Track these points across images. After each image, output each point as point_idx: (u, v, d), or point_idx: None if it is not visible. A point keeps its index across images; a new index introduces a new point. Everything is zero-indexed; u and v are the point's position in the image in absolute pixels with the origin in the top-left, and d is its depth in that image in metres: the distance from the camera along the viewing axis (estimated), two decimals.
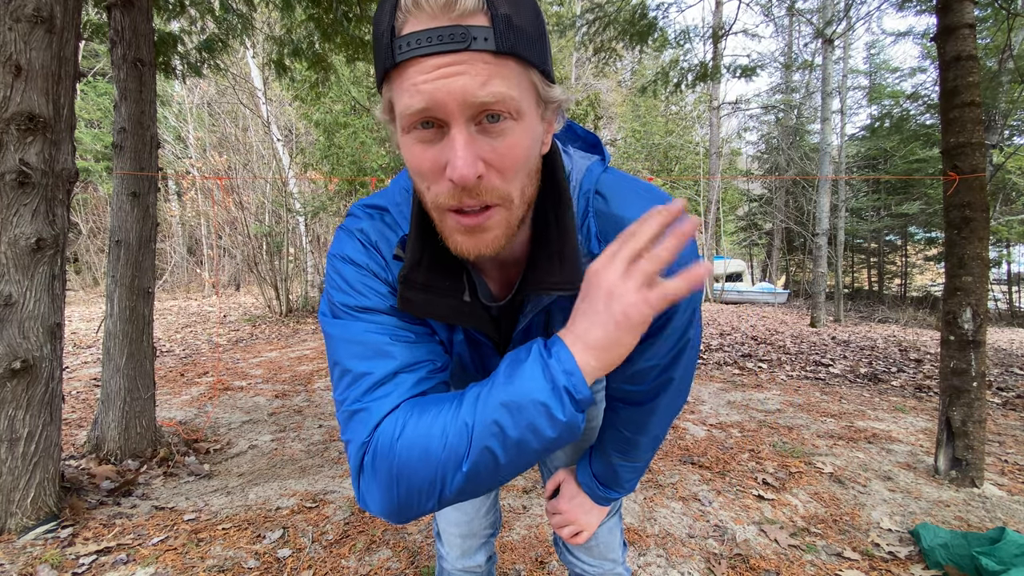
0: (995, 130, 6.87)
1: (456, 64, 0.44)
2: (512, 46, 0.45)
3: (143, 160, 2.53)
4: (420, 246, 0.58)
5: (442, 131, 0.47)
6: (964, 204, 2.30)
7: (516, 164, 0.49)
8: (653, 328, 0.64)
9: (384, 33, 0.45)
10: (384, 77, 0.48)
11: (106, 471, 2.32)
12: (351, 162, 8.30)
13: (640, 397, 0.74)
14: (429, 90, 0.44)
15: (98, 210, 13.34)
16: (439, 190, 0.49)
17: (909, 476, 2.45)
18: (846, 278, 17.10)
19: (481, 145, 0.47)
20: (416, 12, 0.44)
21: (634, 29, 4.58)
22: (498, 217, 0.50)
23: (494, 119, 0.46)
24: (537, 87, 0.49)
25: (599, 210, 0.61)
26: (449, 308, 0.60)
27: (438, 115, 0.45)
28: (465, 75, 0.44)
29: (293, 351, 5.77)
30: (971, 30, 2.29)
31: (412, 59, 0.44)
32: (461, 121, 0.45)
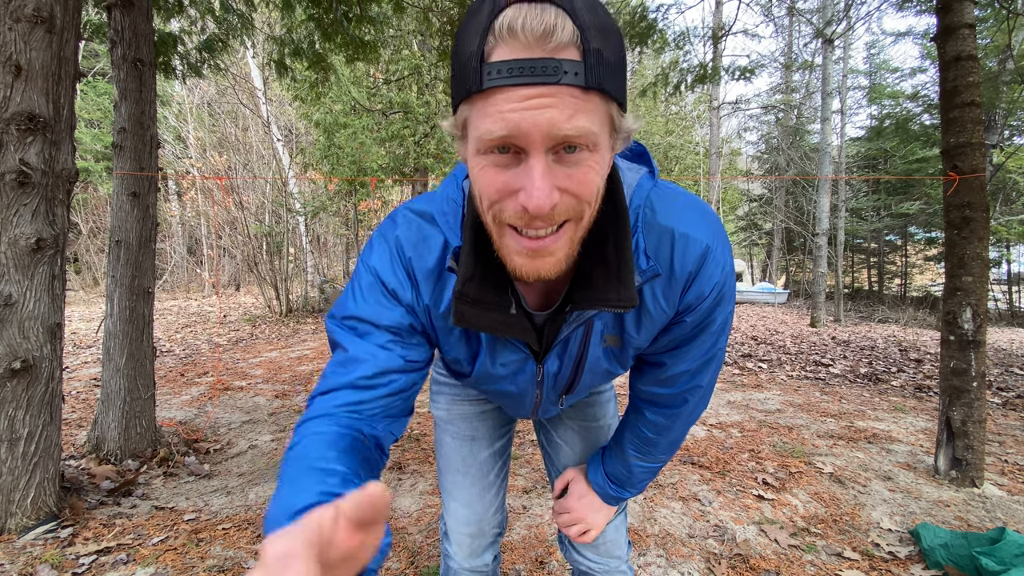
0: (995, 130, 6.87)
1: (545, 96, 0.43)
2: (599, 82, 0.45)
3: (143, 160, 2.53)
4: (473, 261, 0.59)
5: (518, 157, 0.47)
6: (964, 204, 2.30)
7: (588, 193, 0.49)
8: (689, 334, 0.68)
9: (472, 55, 0.45)
10: (466, 98, 0.48)
11: (106, 471, 2.32)
12: (351, 162, 8.30)
13: (668, 401, 0.76)
14: (516, 120, 0.44)
15: (98, 210, 13.34)
16: (509, 211, 0.49)
17: (909, 476, 2.45)
18: (846, 278, 17.10)
19: (556, 174, 0.47)
20: (510, 40, 0.43)
21: (634, 31, 4.57)
22: (562, 241, 0.51)
23: (571, 150, 0.47)
24: (613, 119, 0.49)
25: (647, 220, 0.61)
26: (497, 321, 0.61)
27: (519, 143, 0.46)
28: (553, 108, 0.44)
29: (293, 351, 5.77)
30: (971, 30, 2.29)
31: (502, 87, 0.44)
32: (541, 151, 0.46)
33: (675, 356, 0.71)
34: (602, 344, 0.69)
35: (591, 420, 0.99)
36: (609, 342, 0.69)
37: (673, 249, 0.61)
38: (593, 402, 0.99)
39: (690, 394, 0.74)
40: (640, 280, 0.60)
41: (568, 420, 1.00)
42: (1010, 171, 9.35)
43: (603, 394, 1.00)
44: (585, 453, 0.98)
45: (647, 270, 0.60)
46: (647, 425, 0.80)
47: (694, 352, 0.69)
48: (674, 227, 0.61)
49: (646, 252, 0.61)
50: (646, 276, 0.60)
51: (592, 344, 0.68)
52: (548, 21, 0.42)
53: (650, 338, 0.69)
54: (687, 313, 0.65)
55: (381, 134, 8.45)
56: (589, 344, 0.68)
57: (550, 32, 0.42)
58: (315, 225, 13.28)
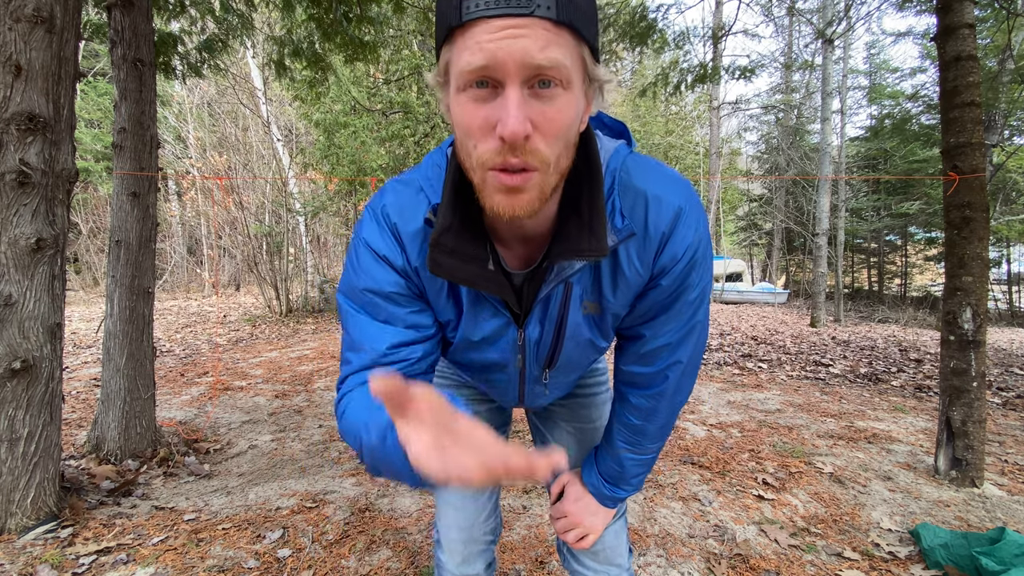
0: (995, 130, 6.87)
1: (519, 27, 0.46)
2: (570, 18, 0.48)
3: (143, 160, 2.53)
4: (451, 212, 0.60)
5: (496, 91, 0.49)
6: (964, 204, 2.30)
7: (559, 130, 0.51)
8: (666, 300, 0.70)
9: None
10: (447, 36, 0.51)
11: (106, 471, 2.32)
12: (351, 162, 8.30)
13: (649, 380, 0.77)
14: (492, 48, 0.47)
15: (98, 210, 13.33)
16: (486, 147, 0.51)
17: (909, 476, 2.45)
18: (846, 278, 17.10)
19: (531, 107, 0.49)
20: None
21: (634, 31, 4.57)
22: (535, 180, 0.52)
23: (545, 84, 0.49)
24: (586, 63, 0.52)
25: (623, 183, 0.64)
26: (474, 274, 0.62)
27: (496, 74, 0.48)
28: (527, 38, 0.46)
29: (293, 351, 5.77)
30: (971, 30, 2.29)
31: (479, 19, 0.47)
32: (517, 82, 0.48)
33: (653, 327, 0.72)
34: (582, 311, 0.70)
35: (587, 422, 0.98)
36: (589, 308, 0.70)
37: (647, 210, 0.63)
38: (588, 403, 0.99)
39: (671, 370, 0.75)
40: (616, 239, 0.62)
41: (563, 422, 0.99)
42: (1010, 171, 9.34)
43: (599, 395, 1.00)
44: (581, 455, 0.97)
45: (622, 229, 0.62)
46: (632, 411, 0.80)
47: (673, 323, 0.71)
48: (647, 189, 0.63)
49: (622, 212, 0.63)
50: (622, 235, 0.62)
51: (572, 309, 0.69)
52: None
53: (627, 302, 0.70)
54: (662, 276, 0.67)
55: (381, 134, 8.45)
56: (568, 308, 0.69)
57: None
58: (315, 225, 13.27)
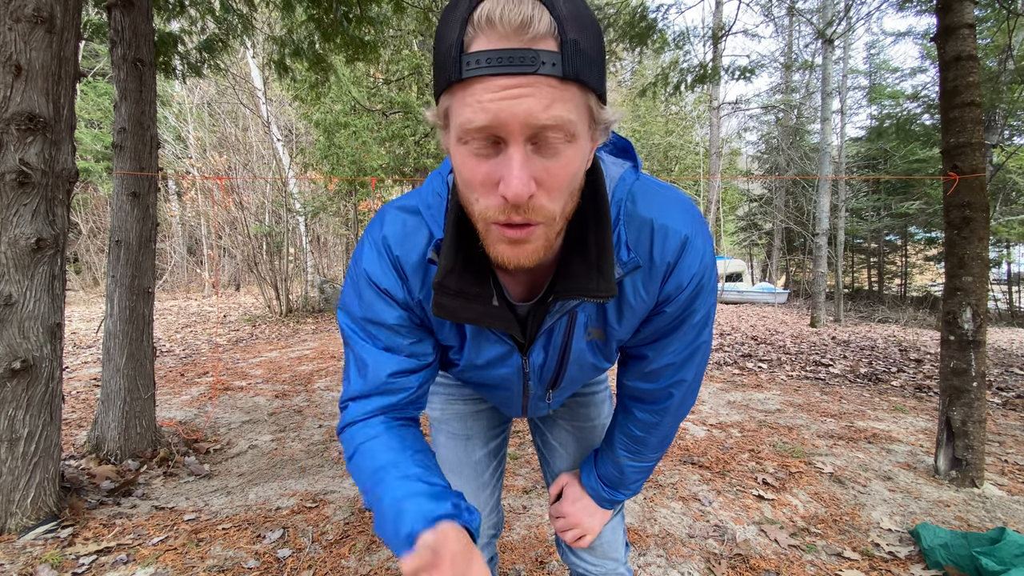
0: (995, 130, 6.87)
1: (523, 87, 0.44)
2: (576, 72, 0.45)
3: (143, 160, 2.53)
4: (454, 252, 0.60)
5: (498, 147, 0.48)
6: (964, 204, 2.30)
7: (564, 184, 0.50)
8: (670, 325, 0.70)
9: (452, 46, 0.46)
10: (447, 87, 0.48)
11: (106, 471, 2.32)
12: (351, 162, 8.30)
13: (653, 396, 0.77)
14: (494, 109, 0.45)
15: (98, 210, 13.33)
16: (488, 203, 0.50)
17: (909, 476, 2.45)
18: (846, 278, 17.10)
19: (535, 164, 0.48)
20: (488, 30, 0.44)
21: (634, 31, 4.57)
22: (539, 232, 0.52)
23: (549, 140, 0.47)
24: (592, 110, 0.50)
25: (629, 212, 0.63)
26: (478, 312, 0.62)
27: (499, 133, 0.47)
28: (531, 98, 0.44)
29: (293, 351, 5.77)
30: (971, 30, 2.29)
31: (480, 77, 0.45)
32: (520, 141, 0.46)
33: (657, 349, 0.72)
34: (586, 337, 0.70)
35: (585, 420, 0.99)
36: (593, 335, 0.70)
37: (653, 240, 0.62)
38: (587, 402, 0.99)
39: (675, 388, 0.75)
40: (621, 272, 0.61)
41: (562, 421, 1.00)
42: (1010, 171, 9.34)
43: (597, 394, 1.00)
44: (580, 454, 0.98)
45: (628, 262, 0.61)
46: (635, 423, 0.80)
47: (676, 345, 0.71)
48: (654, 218, 0.62)
49: (627, 244, 0.62)
50: (627, 268, 0.61)
51: (576, 336, 0.70)
52: (526, 12, 0.43)
53: (631, 330, 0.70)
54: (667, 303, 0.67)
55: (381, 134, 8.45)
56: (573, 336, 0.69)
57: (528, 23, 0.43)
58: (315, 225, 13.27)
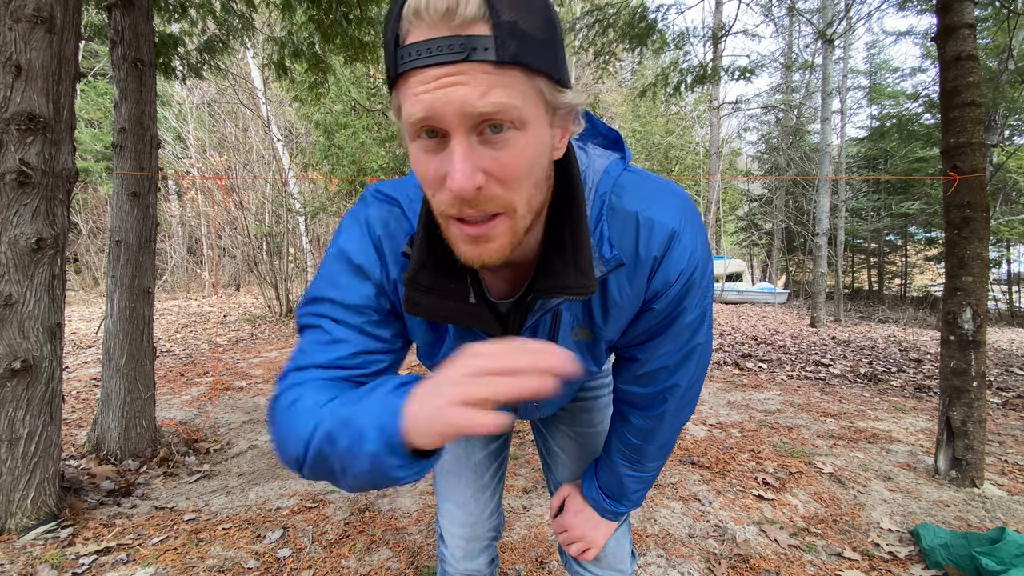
0: (995, 130, 6.87)
1: (456, 75, 0.43)
2: (515, 55, 0.43)
3: (143, 160, 2.53)
4: (427, 248, 0.58)
5: (444, 141, 0.46)
6: (964, 204, 2.30)
7: (518, 174, 0.48)
8: (660, 325, 0.66)
9: (390, 42, 0.46)
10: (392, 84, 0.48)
11: (106, 471, 2.32)
12: (351, 162, 8.29)
13: (647, 401, 0.74)
14: (428, 100, 0.44)
15: (98, 210, 13.33)
16: (442, 198, 0.49)
17: (909, 476, 2.45)
18: (846, 278, 17.09)
19: (481, 155, 0.46)
20: (417, 22, 0.43)
21: (633, 32, 4.56)
22: (503, 227, 0.50)
23: (496, 129, 0.45)
24: (544, 94, 0.47)
25: (612, 206, 0.60)
26: (454, 310, 0.60)
27: (438, 125, 0.45)
28: (465, 86, 0.43)
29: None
30: (971, 30, 2.29)
31: (414, 69, 0.44)
32: (461, 132, 0.45)
33: (648, 350, 0.69)
34: (573, 337, 0.68)
35: (588, 426, 0.96)
36: (581, 335, 0.68)
37: (638, 233, 0.59)
38: (590, 407, 0.97)
39: (669, 394, 0.72)
40: (604, 270, 0.58)
41: (564, 426, 0.98)
42: (1010, 171, 9.34)
43: (600, 399, 0.98)
44: (583, 462, 0.96)
45: (611, 260, 0.59)
46: (631, 430, 0.78)
47: (669, 346, 0.68)
48: (639, 211, 0.59)
49: (610, 241, 0.59)
50: (610, 266, 0.59)
51: (562, 336, 0.67)
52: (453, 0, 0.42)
53: (619, 329, 0.68)
54: (655, 300, 0.64)
55: (381, 134, 8.45)
56: (558, 336, 0.67)
57: (453, 9, 0.42)
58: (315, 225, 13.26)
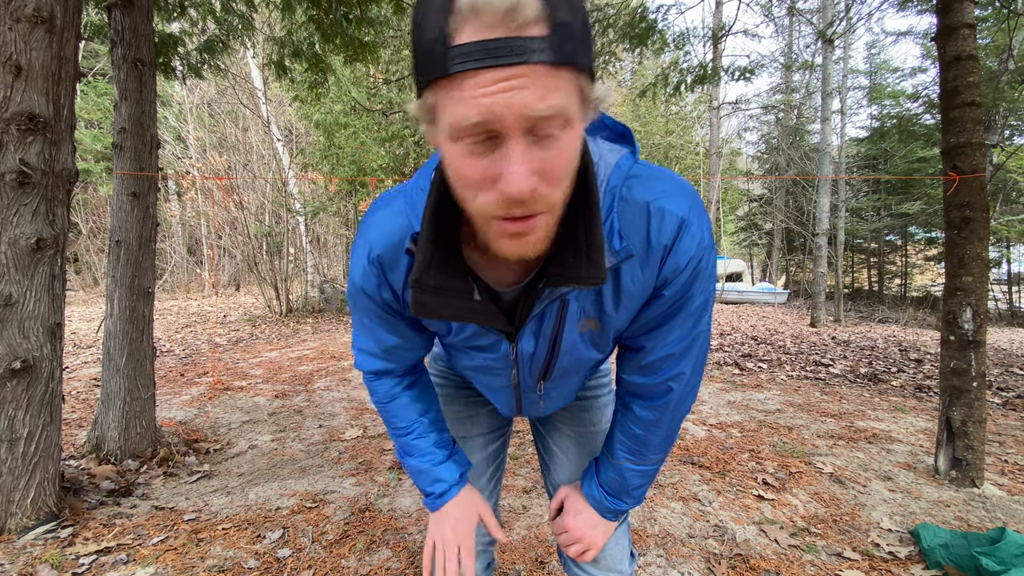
0: (995, 130, 6.87)
1: (516, 78, 0.41)
2: (571, 55, 0.43)
3: (143, 160, 2.53)
4: (432, 248, 0.58)
5: (494, 142, 0.45)
6: (964, 204, 2.30)
7: (564, 173, 0.48)
8: (668, 312, 0.68)
9: (436, 39, 0.43)
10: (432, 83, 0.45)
11: (106, 471, 2.32)
12: (351, 162, 8.30)
13: (652, 391, 0.75)
14: (487, 104, 0.42)
15: (98, 210, 13.33)
16: (487, 200, 0.48)
17: (909, 476, 2.45)
18: (846, 278, 17.09)
19: (534, 156, 0.45)
20: (473, 20, 0.41)
21: (633, 32, 4.56)
22: (542, 222, 0.50)
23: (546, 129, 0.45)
24: (584, 89, 0.47)
25: (623, 197, 0.60)
26: (460, 308, 0.61)
27: (495, 128, 0.44)
28: (525, 88, 0.42)
29: (293, 351, 5.77)
30: (971, 30, 2.29)
31: (469, 71, 0.42)
32: (518, 134, 0.44)
33: (655, 338, 0.70)
34: (579, 328, 0.69)
35: (587, 425, 0.97)
36: (588, 326, 0.69)
37: (649, 223, 0.60)
38: (589, 406, 0.97)
39: (674, 382, 0.73)
40: (615, 260, 0.59)
41: (563, 425, 0.98)
42: (1010, 171, 9.34)
43: (600, 398, 0.98)
44: (581, 462, 0.96)
45: (620, 251, 0.59)
46: (635, 422, 0.78)
47: (675, 334, 0.69)
48: (650, 201, 0.60)
49: (620, 233, 0.60)
50: (620, 256, 0.59)
51: (568, 325, 0.68)
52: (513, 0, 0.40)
53: (630, 316, 0.69)
54: (664, 287, 0.65)
55: (381, 134, 8.46)
56: (564, 325, 0.67)
57: (515, 8, 0.40)
58: (315, 225, 13.26)
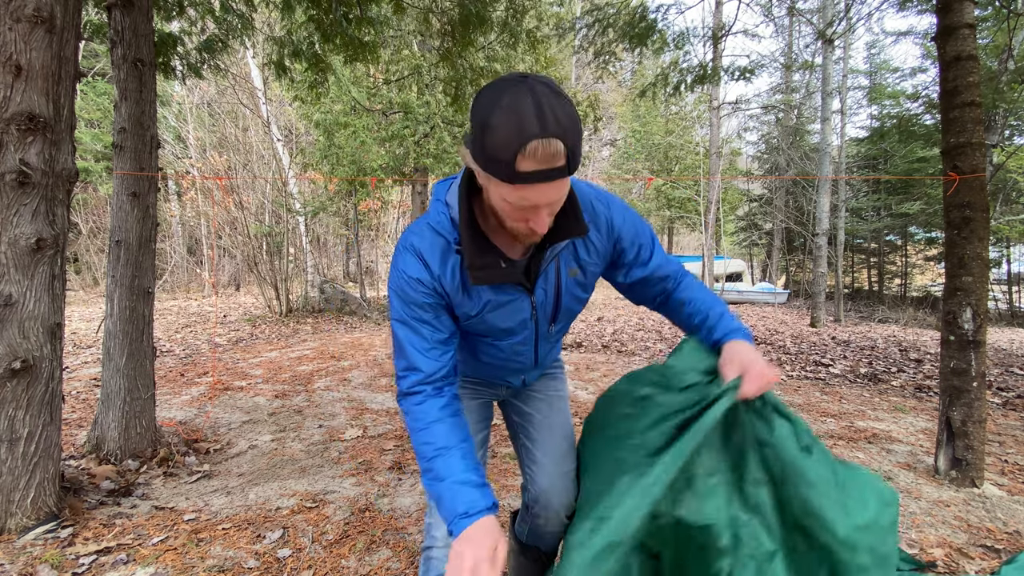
0: (995, 130, 6.87)
1: (553, 185, 0.77)
2: (574, 166, 0.76)
3: (143, 160, 2.53)
4: (472, 243, 0.91)
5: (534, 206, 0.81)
6: (964, 204, 2.30)
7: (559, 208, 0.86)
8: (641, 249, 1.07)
9: (507, 163, 0.73)
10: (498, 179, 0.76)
11: (106, 471, 2.32)
12: (351, 162, 8.30)
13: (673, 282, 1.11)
14: (534, 198, 0.78)
15: (98, 210, 13.33)
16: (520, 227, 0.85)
17: (909, 476, 2.45)
18: (846, 278, 17.08)
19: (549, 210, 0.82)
20: (531, 160, 0.73)
21: (633, 32, 4.56)
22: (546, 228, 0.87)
23: None
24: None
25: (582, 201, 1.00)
26: (498, 275, 0.94)
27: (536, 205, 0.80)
28: (555, 189, 0.78)
29: (293, 351, 5.77)
30: (971, 30, 2.29)
31: (528, 184, 0.75)
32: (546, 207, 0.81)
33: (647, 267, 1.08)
34: (569, 273, 1.03)
35: (554, 391, 1.29)
36: (573, 272, 1.03)
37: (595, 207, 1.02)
38: (553, 376, 1.31)
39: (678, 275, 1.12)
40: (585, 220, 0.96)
41: (535, 392, 1.29)
42: (1010, 171, 9.33)
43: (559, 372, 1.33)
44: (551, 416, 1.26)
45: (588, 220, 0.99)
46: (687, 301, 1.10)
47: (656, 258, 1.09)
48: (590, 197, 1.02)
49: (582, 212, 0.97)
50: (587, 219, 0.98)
51: (563, 275, 1.02)
52: (554, 149, 0.72)
53: (600, 261, 1.05)
54: (619, 241, 1.04)
55: (381, 134, 8.45)
56: (560, 275, 1.02)
57: (554, 155, 0.73)
58: (315, 225, 13.26)
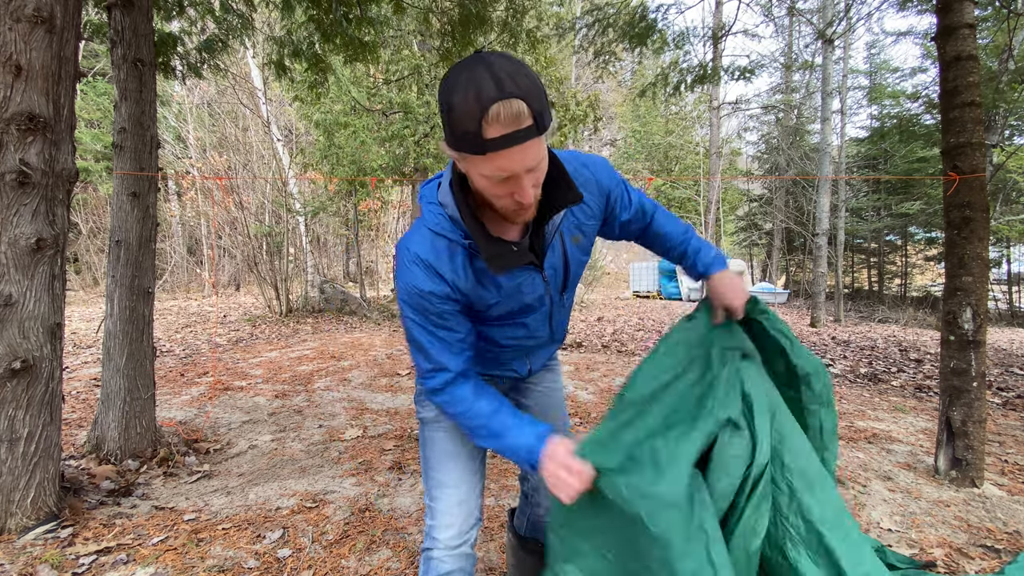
0: (995, 130, 6.87)
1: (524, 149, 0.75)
2: (543, 126, 0.76)
3: (143, 160, 2.54)
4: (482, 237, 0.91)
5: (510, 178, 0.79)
6: (964, 204, 2.30)
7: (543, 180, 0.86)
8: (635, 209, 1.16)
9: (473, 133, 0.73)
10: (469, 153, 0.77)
11: (106, 471, 2.32)
12: (351, 162, 8.29)
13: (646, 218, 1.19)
14: (509, 166, 0.77)
15: (98, 210, 13.32)
16: (507, 203, 0.84)
17: (909, 476, 2.45)
18: (846, 278, 17.07)
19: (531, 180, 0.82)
20: (495, 124, 0.72)
21: (633, 32, 4.56)
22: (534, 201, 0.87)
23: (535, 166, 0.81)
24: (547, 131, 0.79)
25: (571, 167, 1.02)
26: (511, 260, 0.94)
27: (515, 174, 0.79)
28: (528, 151, 0.76)
29: (293, 351, 5.77)
30: (971, 30, 2.29)
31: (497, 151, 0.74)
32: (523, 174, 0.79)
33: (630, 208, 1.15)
34: (572, 241, 1.06)
35: (551, 383, 1.34)
36: (576, 240, 1.06)
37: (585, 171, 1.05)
38: (552, 368, 1.35)
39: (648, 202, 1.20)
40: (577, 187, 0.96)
41: (533, 385, 1.32)
42: (1010, 171, 9.33)
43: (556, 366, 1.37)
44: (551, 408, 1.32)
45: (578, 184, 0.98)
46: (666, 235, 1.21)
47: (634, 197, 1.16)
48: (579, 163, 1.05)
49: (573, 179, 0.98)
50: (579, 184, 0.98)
51: (567, 244, 1.05)
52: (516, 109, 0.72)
53: (596, 223, 1.09)
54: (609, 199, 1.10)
55: (381, 134, 8.45)
56: (565, 245, 1.05)
57: (518, 116, 0.73)
58: (315, 225, 13.26)
